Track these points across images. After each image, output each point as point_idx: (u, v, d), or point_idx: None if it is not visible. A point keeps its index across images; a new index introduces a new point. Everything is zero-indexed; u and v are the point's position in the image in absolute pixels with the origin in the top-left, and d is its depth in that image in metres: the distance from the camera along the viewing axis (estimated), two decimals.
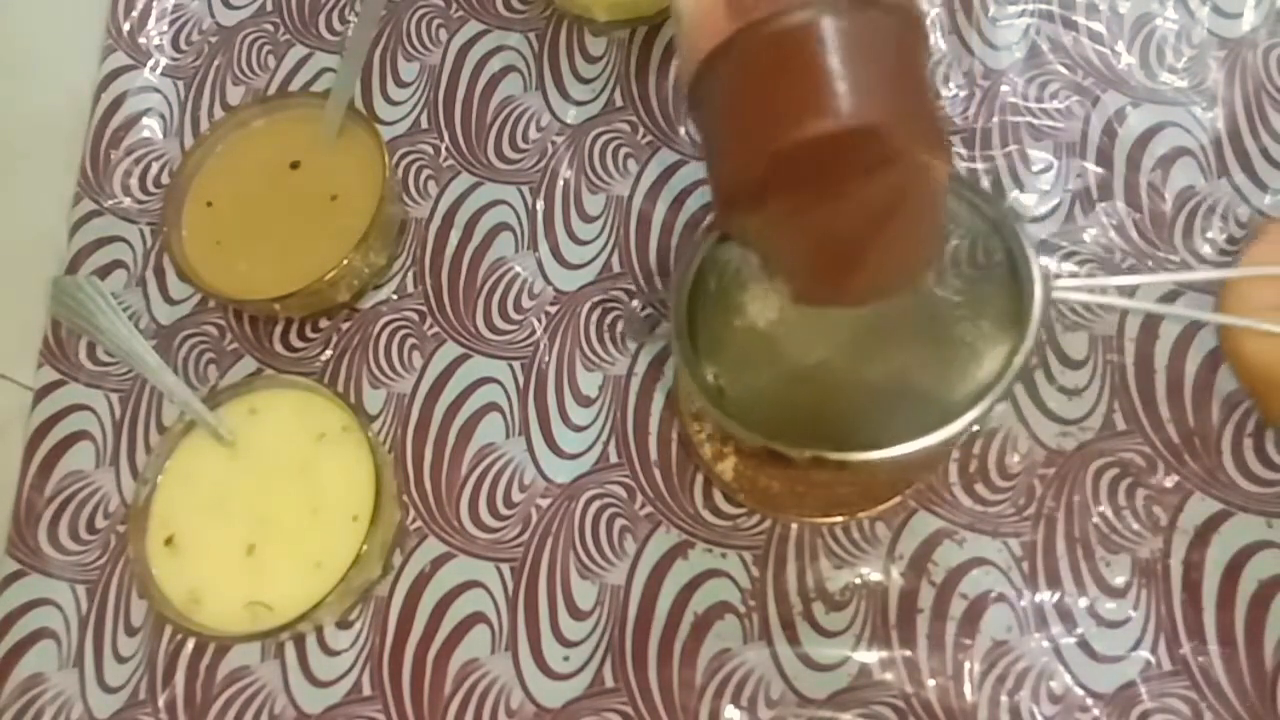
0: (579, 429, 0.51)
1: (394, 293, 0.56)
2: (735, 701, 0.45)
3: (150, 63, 0.65)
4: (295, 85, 0.62)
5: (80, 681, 0.50)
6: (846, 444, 0.35)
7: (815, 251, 0.33)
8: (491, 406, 0.52)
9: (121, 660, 0.50)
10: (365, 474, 0.47)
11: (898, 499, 0.46)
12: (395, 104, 0.61)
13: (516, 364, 0.53)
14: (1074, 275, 0.50)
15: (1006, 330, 0.36)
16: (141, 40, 0.66)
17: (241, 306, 0.56)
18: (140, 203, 0.61)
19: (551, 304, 0.54)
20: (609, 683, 0.46)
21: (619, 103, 0.58)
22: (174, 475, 0.49)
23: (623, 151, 0.57)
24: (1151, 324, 0.48)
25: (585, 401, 0.52)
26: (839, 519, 0.47)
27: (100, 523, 0.53)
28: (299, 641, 0.49)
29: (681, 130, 0.56)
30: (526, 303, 0.54)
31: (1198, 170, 0.51)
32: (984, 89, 0.55)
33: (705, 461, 0.48)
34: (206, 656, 0.49)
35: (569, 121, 0.58)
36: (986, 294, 0.38)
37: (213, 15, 0.66)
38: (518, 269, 0.55)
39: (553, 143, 0.58)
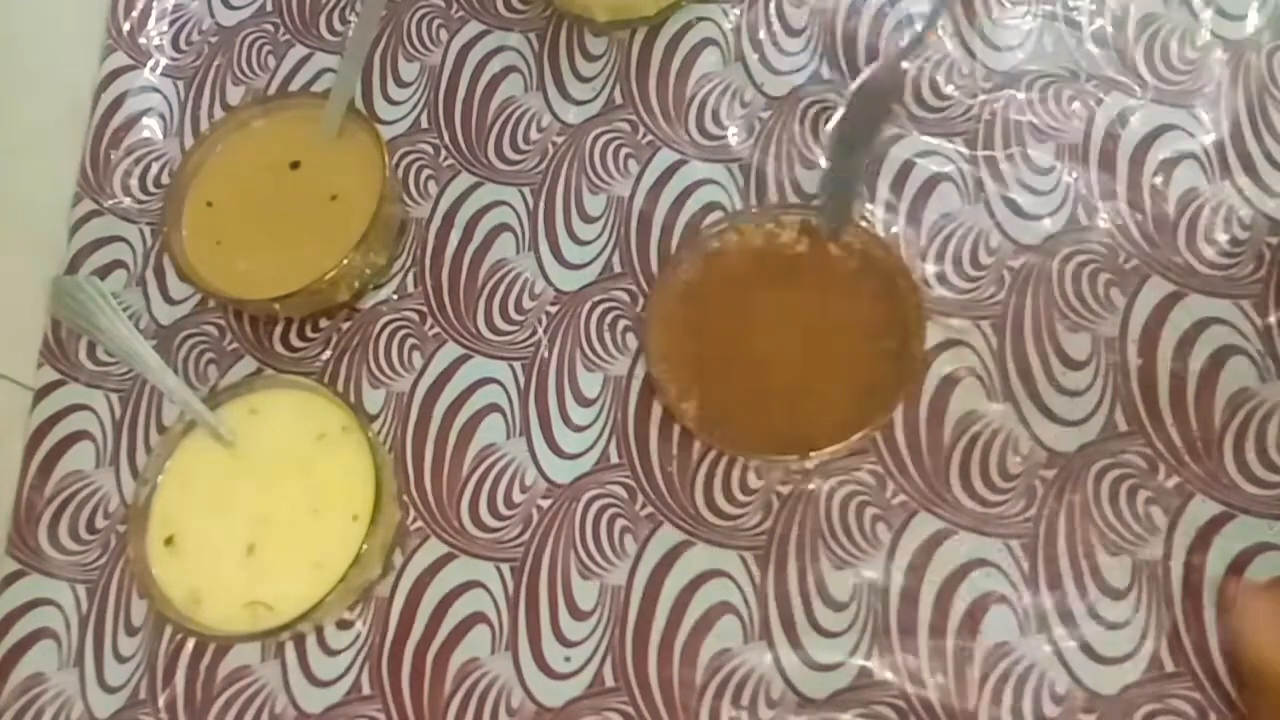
0: (579, 429, 0.51)
1: (394, 293, 0.56)
2: (735, 701, 0.45)
3: (150, 63, 0.65)
4: (295, 85, 0.62)
5: (80, 681, 0.50)
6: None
7: None
8: (492, 407, 0.52)
9: (121, 660, 0.50)
10: (365, 474, 0.47)
11: (857, 436, 0.45)
12: (395, 104, 0.60)
13: (517, 364, 0.53)
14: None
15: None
16: (141, 40, 0.66)
17: (241, 306, 0.55)
18: (140, 203, 0.61)
19: (552, 304, 0.54)
20: (609, 682, 0.46)
21: (619, 102, 0.58)
22: (174, 475, 0.49)
23: (623, 151, 0.57)
24: (1154, 325, 0.48)
25: (586, 402, 0.51)
26: (794, 457, 0.46)
27: (100, 523, 0.53)
28: (299, 641, 0.49)
29: (681, 130, 0.56)
30: (527, 303, 0.54)
31: (1200, 172, 0.51)
32: (987, 90, 0.55)
33: (670, 402, 0.47)
34: (206, 656, 0.49)
35: (569, 121, 0.58)
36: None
37: (213, 15, 0.66)
38: (518, 269, 0.55)
39: (553, 143, 0.58)
